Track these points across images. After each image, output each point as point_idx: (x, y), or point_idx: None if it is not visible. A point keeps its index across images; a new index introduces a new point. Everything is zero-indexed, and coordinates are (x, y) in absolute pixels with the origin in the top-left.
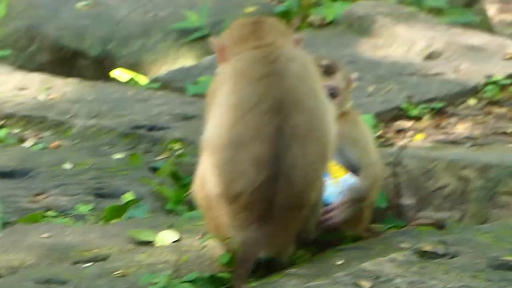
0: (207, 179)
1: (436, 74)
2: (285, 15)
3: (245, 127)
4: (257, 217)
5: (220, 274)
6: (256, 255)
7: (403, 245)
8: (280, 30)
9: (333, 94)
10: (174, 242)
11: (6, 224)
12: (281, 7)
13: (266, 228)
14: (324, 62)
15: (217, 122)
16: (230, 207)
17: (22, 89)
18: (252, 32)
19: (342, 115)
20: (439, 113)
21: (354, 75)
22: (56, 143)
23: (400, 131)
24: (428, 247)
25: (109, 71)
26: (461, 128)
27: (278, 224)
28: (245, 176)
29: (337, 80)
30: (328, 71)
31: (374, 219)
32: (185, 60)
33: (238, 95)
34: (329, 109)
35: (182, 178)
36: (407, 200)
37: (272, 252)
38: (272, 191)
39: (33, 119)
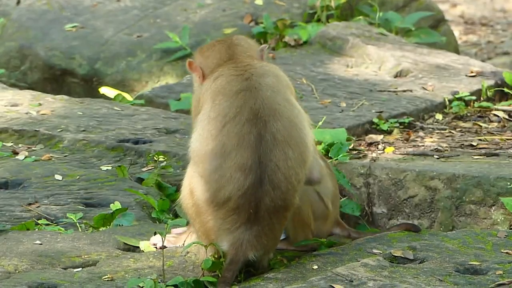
0: (194, 187)
1: (405, 91)
2: (262, 36)
3: (227, 137)
4: (245, 219)
5: (203, 278)
6: (245, 256)
7: (375, 251)
8: (250, 48)
9: None
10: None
11: (0, 232)
12: (258, 28)
13: (254, 230)
14: None
15: (200, 134)
16: (218, 212)
17: (14, 105)
18: (226, 54)
19: None
20: (408, 127)
21: None
22: (47, 155)
23: (371, 144)
24: (398, 253)
25: (97, 88)
26: (429, 141)
27: (265, 225)
28: (232, 182)
29: None
30: None
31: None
32: (168, 78)
33: (217, 108)
34: (305, 117)
35: (166, 188)
36: (379, 209)
37: (259, 253)
38: (259, 195)
39: (25, 133)
